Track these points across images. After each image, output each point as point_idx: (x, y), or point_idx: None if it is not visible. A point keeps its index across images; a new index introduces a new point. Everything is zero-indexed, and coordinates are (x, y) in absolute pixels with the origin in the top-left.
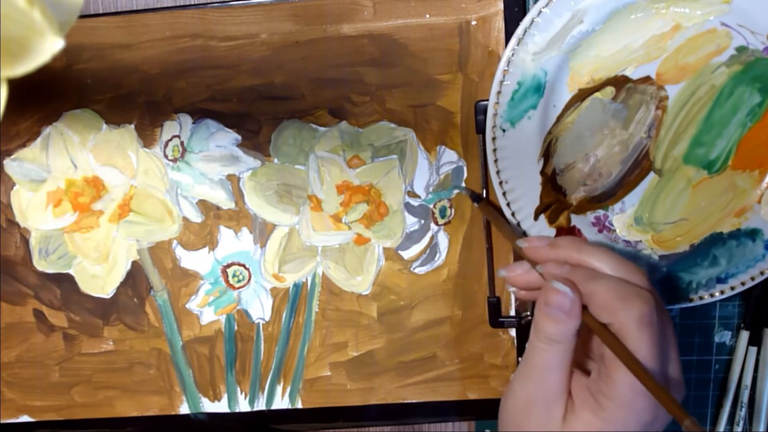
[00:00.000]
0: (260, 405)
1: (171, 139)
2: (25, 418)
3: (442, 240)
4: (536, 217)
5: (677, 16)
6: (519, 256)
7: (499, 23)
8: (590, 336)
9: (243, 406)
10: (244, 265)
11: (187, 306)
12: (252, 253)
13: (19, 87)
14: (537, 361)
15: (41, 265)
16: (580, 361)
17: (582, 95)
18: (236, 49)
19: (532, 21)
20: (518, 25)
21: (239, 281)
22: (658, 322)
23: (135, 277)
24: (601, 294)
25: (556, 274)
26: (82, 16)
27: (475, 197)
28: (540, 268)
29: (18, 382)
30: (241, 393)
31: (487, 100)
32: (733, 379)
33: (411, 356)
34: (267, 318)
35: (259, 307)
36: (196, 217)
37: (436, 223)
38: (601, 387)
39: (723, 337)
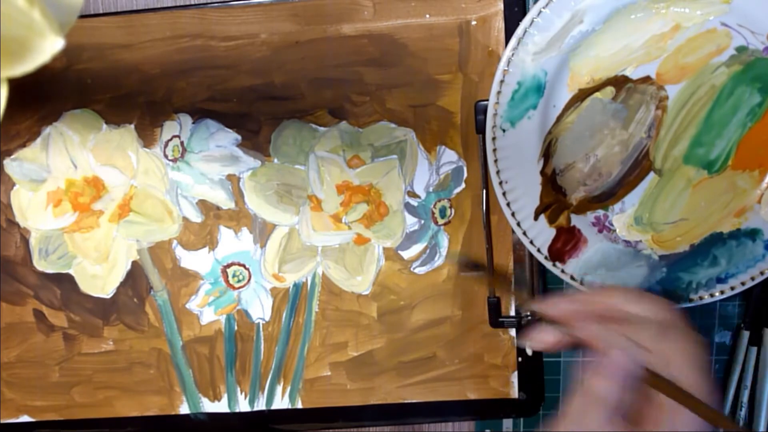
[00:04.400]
0: (260, 405)
1: (171, 139)
2: (25, 418)
3: (442, 240)
4: (536, 217)
5: (677, 16)
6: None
7: (499, 23)
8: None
9: (243, 406)
10: (244, 265)
11: (187, 306)
12: (252, 253)
13: (19, 87)
14: (586, 423)
15: (41, 265)
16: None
17: (582, 95)
18: (236, 49)
19: (532, 21)
20: (518, 25)
21: (239, 281)
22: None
23: (135, 277)
24: (647, 344)
25: (597, 335)
26: (82, 16)
27: (473, 266)
28: (572, 330)
29: (18, 382)
30: (241, 393)
31: (487, 100)
32: (733, 379)
33: (411, 356)
34: (267, 318)
35: (259, 307)
36: (196, 217)
37: (436, 223)
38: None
39: (723, 337)
